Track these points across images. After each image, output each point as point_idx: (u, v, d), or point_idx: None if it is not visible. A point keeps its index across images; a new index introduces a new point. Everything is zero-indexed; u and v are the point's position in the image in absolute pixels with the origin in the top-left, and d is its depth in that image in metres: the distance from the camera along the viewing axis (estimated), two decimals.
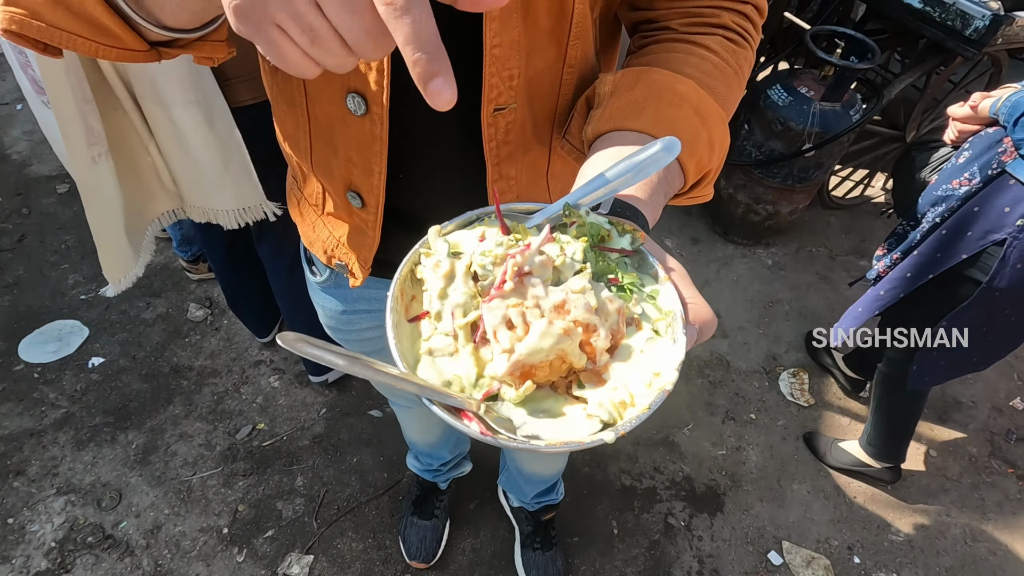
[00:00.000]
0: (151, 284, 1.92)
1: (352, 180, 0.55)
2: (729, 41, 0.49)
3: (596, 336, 0.31)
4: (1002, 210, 1.11)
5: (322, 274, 0.73)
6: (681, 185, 0.45)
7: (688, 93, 0.44)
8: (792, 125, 1.83)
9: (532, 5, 0.45)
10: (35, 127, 2.45)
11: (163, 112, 0.87)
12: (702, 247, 2.27)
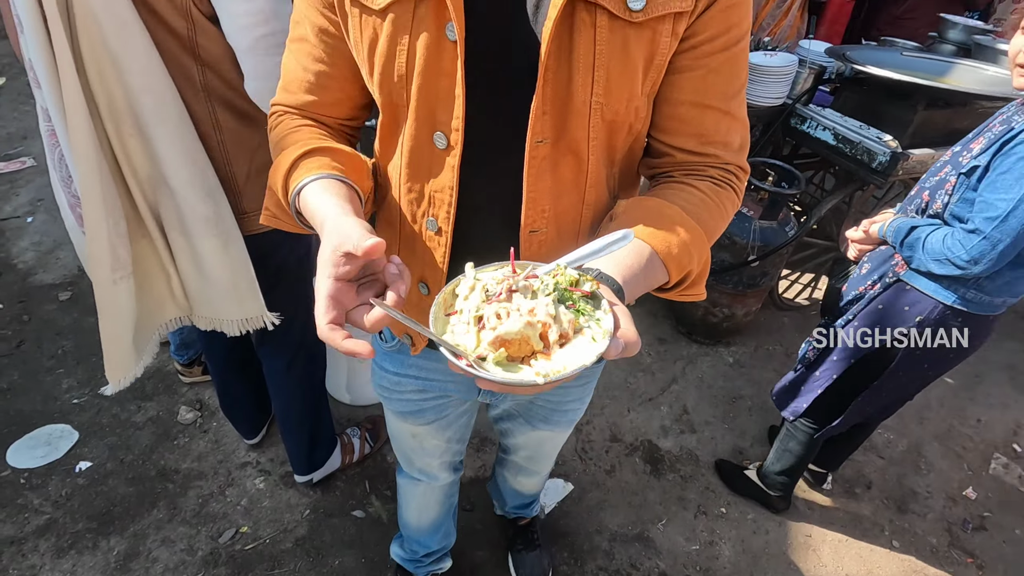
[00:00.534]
0: (143, 388, 1.99)
1: (424, 274, 0.74)
2: (715, 185, 0.67)
3: (550, 331, 0.48)
4: (903, 309, 1.35)
5: (390, 342, 0.91)
6: (665, 279, 0.62)
7: (672, 214, 0.61)
8: (737, 239, 2.09)
9: (558, 164, 0.64)
10: (43, 239, 2.61)
11: (186, 240, 1.03)
12: (668, 346, 2.45)
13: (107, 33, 0.82)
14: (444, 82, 0.60)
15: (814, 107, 2.25)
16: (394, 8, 0.58)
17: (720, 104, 0.64)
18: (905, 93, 2.00)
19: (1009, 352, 2.70)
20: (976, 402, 2.41)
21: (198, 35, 0.89)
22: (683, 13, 0.57)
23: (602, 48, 0.57)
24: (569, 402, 1.02)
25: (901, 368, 1.41)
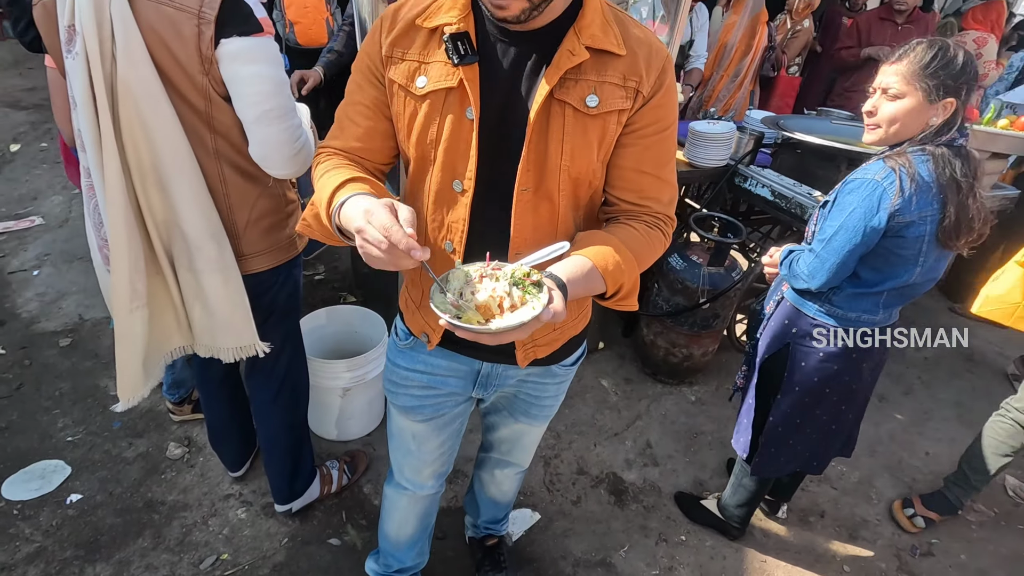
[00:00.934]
0: (135, 426, 2.11)
1: None
2: (648, 226, 0.92)
3: (504, 302, 0.73)
4: (784, 323, 1.56)
5: (404, 340, 1.12)
6: (603, 289, 0.83)
7: (612, 242, 0.84)
8: (689, 284, 2.30)
9: (537, 206, 0.88)
10: (47, 290, 2.78)
11: (193, 277, 1.21)
12: (634, 386, 2.60)
13: (142, 108, 1.03)
14: (462, 146, 0.85)
15: (755, 167, 2.52)
16: (431, 96, 0.84)
17: (653, 171, 0.91)
18: (830, 155, 2.28)
19: (957, 390, 2.87)
20: (925, 436, 2.55)
21: (213, 110, 1.10)
22: (624, 110, 0.84)
23: (568, 130, 0.83)
24: (546, 398, 1.20)
25: (801, 395, 1.58)
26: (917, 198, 1.27)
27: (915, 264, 1.34)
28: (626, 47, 0.82)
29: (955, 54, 1.25)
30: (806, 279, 1.44)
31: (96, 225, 1.18)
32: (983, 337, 3.35)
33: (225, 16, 1.01)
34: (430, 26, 0.83)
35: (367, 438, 2.16)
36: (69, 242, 3.17)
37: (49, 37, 1.10)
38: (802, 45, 4.17)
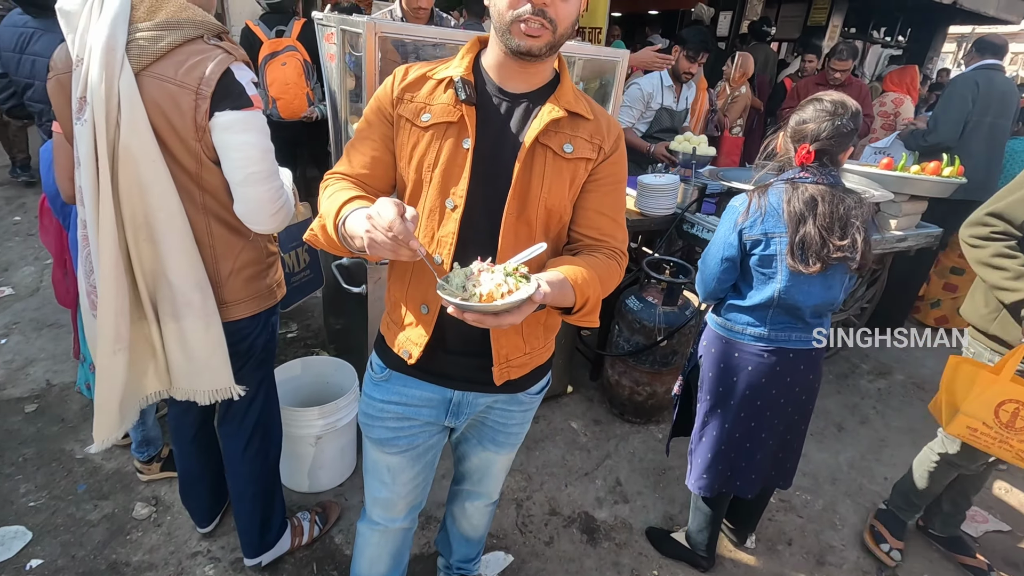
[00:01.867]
0: (100, 488, 2.08)
1: (426, 298, 1.09)
2: (606, 257, 1.08)
3: (502, 288, 0.85)
4: (702, 343, 1.77)
5: (380, 373, 1.21)
6: (573, 300, 0.95)
7: (580, 263, 1.00)
8: (646, 323, 2.43)
9: (519, 229, 1.03)
10: (15, 357, 2.77)
11: (176, 323, 1.28)
12: (603, 426, 2.67)
13: (140, 170, 1.15)
14: (456, 170, 1.01)
15: (700, 215, 2.74)
16: (434, 128, 1.02)
17: (610, 214, 1.11)
18: None
19: (910, 418, 3.01)
20: (882, 463, 2.65)
21: (203, 171, 1.23)
22: (591, 159, 1.06)
23: (548, 169, 1.03)
24: (512, 425, 1.28)
25: (709, 403, 1.74)
26: (763, 219, 1.52)
27: (773, 280, 1.56)
28: (592, 114, 1.06)
29: (801, 110, 1.56)
30: (697, 292, 1.72)
31: (87, 272, 1.26)
32: (932, 367, 3.54)
33: (220, 93, 1.16)
34: (439, 77, 1.03)
35: (339, 488, 2.17)
36: (39, 310, 3.17)
37: (59, 106, 1.23)
38: (742, 108, 4.58)
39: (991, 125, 3.35)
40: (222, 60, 1.16)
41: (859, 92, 4.20)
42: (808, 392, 1.70)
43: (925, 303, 4.02)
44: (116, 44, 1.09)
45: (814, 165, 1.52)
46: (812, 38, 6.60)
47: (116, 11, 1.10)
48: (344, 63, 1.90)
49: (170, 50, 1.14)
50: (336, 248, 0.99)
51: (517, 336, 1.13)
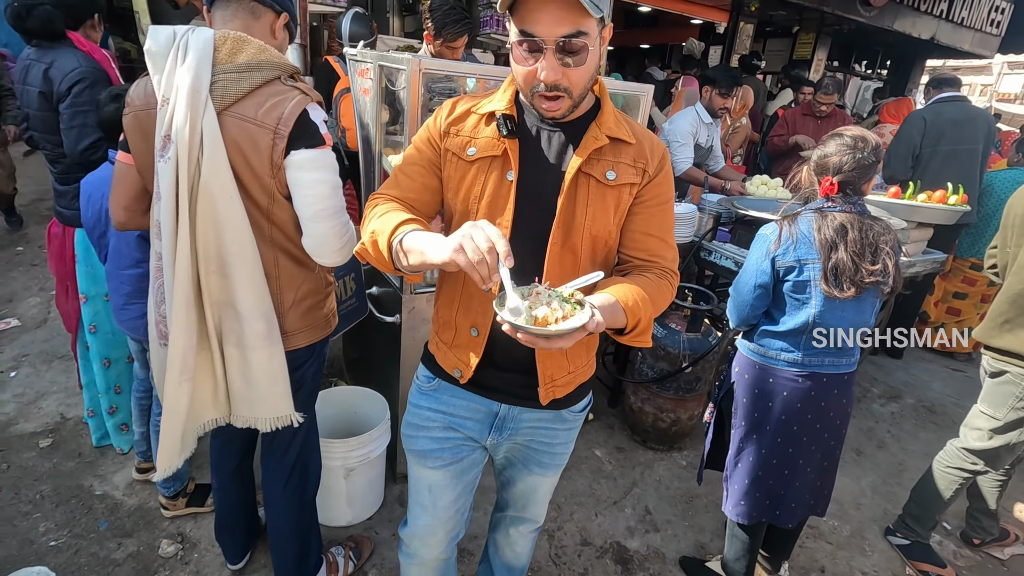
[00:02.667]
0: (123, 525, 2.02)
1: (476, 321, 1.12)
2: (657, 276, 1.08)
3: (558, 313, 0.86)
4: (735, 369, 1.78)
5: (429, 383, 1.23)
6: (624, 322, 0.96)
7: (631, 284, 1.00)
8: (670, 350, 2.45)
9: (563, 257, 1.05)
10: (26, 391, 2.71)
11: (240, 352, 1.29)
12: (626, 454, 2.66)
13: (217, 206, 1.18)
14: (501, 201, 1.05)
15: (717, 242, 2.79)
16: (479, 161, 1.06)
17: (659, 234, 1.11)
18: None
19: (925, 442, 3.04)
20: (904, 487, 2.66)
21: (274, 207, 1.26)
22: (635, 183, 1.07)
23: (591, 197, 1.04)
24: (557, 445, 1.28)
25: (745, 429, 1.75)
26: (796, 247, 1.57)
27: (807, 305, 1.60)
28: (635, 138, 1.08)
29: (824, 145, 1.62)
30: (728, 317, 1.75)
31: (157, 303, 1.27)
32: (940, 391, 3.59)
33: (296, 132, 1.20)
34: (482, 112, 1.07)
35: (368, 522, 2.13)
36: (48, 342, 3.12)
37: (135, 141, 1.25)
38: (742, 139, 4.72)
39: (950, 152, 3.47)
40: (300, 101, 1.21)
41: (842, 122, 4.39)
42: (842, 417, 1.73)
43: (930, 327, 4.10)
44: (201, 86, 1.14)
45: (838, 196, 1.58)
46: (798, 71, 6.87)
47: (200, 54, 1.15)
48: (380, 97, 1.94)
49: (250, 91, 1.19)
50: (384, 264, 1.00)
51: (562, 356, 1.15)
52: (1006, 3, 7.84)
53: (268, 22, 1.29)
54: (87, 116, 1.95)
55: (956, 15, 7.27)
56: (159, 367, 1.30)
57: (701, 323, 2.50)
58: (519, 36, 0.94)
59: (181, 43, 1.16)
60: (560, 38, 0.90)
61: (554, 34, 0.90)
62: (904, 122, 3.69)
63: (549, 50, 0.92)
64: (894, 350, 3.92)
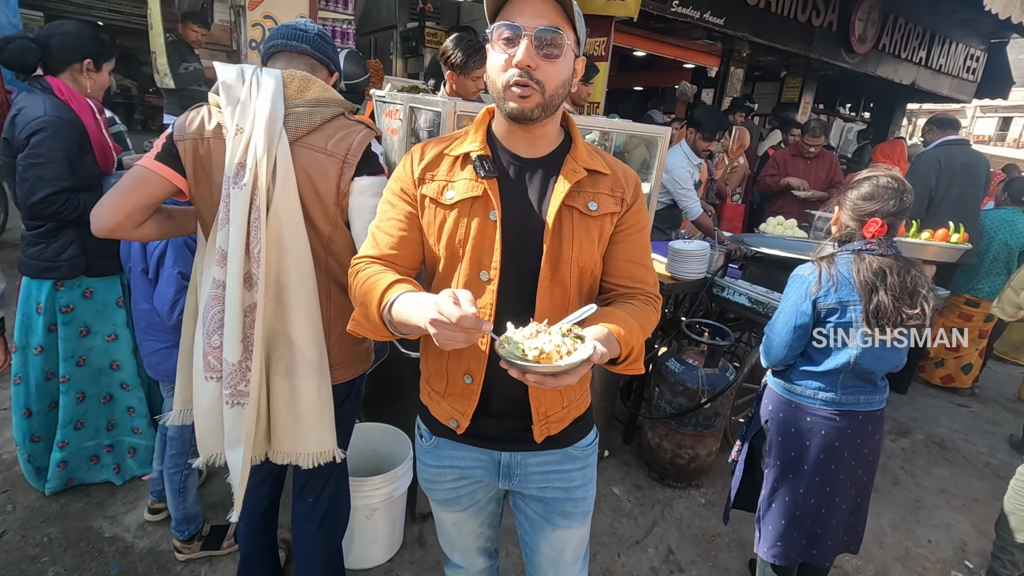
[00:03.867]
0: (135, 569, 1.95)
1: (469, 367, 1.09)
2: (642, 303, 1.10)
3: (561, 349, 0.86)
4: (764, 401, 1.80)
5: (429, 440, 1.21)
6: (618, 351, 0.97)
7: (621, 314, 1.02)
8: (689, 385, 2.46)
9: (553, 290, 1.05)
10: None
11: (288, 381, 1.29)
12: (645, 492, 2.63)
13: (284, 231, 1.22)
14: (487, 242, 1.03)
15: (729, 279, 2.84)
16: (459, 204, 1.04)
17: (640, 260, 1.13)
18: (790, 265, 2.61)
19: (939, 478, 3.04)
20: (923, 524, 2.65)
21: (335, 234, 1.31)
22: (616, 212, 1.09)
23: (576, 229, 1.05)
24: (576, 488, 1.20)
25: (780, 469, 1.74)
26: (837, 288, 1.60)
27: (848, 346, 1.61)
28: (609, 168, 1.10)
29: (852, 181, 1.68)
30: (763, 356, 1.77)
31: (208, 333, 1.26)
32: (948, 426, 3.61)
33: (362, 162, 1.28)
34: (455, 154, 1.07)
35: (389, 564, 2.07)
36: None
37: (192, 166, 1.27)
38: (740, 177, 4.85)
39: (959, 196, 3.60)
40: (366, 135, 1.30)
41: (830, 162, 4.52)
42: (875, 452, 1.73)
43: (930, 363, 4.16)
44: (277, 117, 1.21)
45: (880, 238, 1.61)
46: (787, 112, 7.12)
47: (274, 89, 1.22)
48: (408, 137, 1.99)
49: (321, 124, 1.26)
50: (382, 334, 1.00)
51: (556, 392, 1.13)
52: (980, 52, 8.26)
53: (323, 77, 1.39)
54: (42, 168, 1.78)
55: (935, 62, 7.63)
56: (206, 402, 1.29)
57: (719, 359, 2.52)
58: (498, 29, 0.95)
59: (252, 79, 1.23)
60: (539, 28, 0.93)
61: (533, 24, 0.93)
62: (918, 162, 3.76)
63: (527, 36, 0.93)
64: (899, 385, 3.96)
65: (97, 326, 2.11)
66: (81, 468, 2.25)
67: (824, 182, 4.44)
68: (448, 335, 0.83)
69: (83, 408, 2.16)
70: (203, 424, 1.33)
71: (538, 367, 0.84)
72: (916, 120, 20.72)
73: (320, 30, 1.41)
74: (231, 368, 1.24)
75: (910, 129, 19.32)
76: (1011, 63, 8.61)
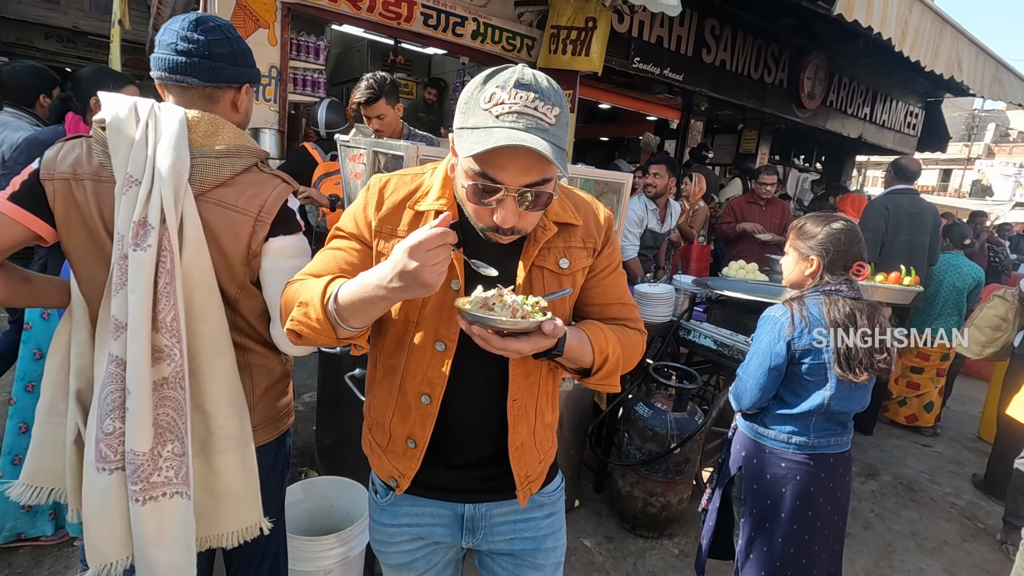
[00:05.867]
0: None
1: (413, 432, 1.03)
2: (626, 327, 1.08)
3: (519, 313, 0.83)
4: (736, 446, 1.77)
5: (384, 496, 1.12)
6: (591, 360, 0.95)
7: (601, 326, 1.01)
8: (658, 430, 2.43)
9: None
10: None
11: (203, 459, 1.15)
12: (616, 544, 2.54)
13: (195, 295, 1.09)
14: (446, 312, 0.97)
15: (695, 321, 2.86)
16: None
17: (617, 300, 1.10)
18: (753, 308, 2.65)
19: (908, 521, 3.03)
20: (896, 569, 2.62)
21: (242, 295, 1.19)
22: (587, 266, 1.05)
23: (547, 288, 1.00)
24: (545, 537, 1.15)
25: (757, 518, 1.70)
26: (809, 329, 1.59)
27: (823, 387, 1.61)
28: (581, 217, 1.04)
29: (818, 226, 1.66)
30: (736, 400, 1.75)
31: (101, 417, 1.08)
32: (914, 467, 3.64)
33: (278, 220, 1.16)
34: (420, 210, 0.98)
35: None
36: None
37: (66, 211, 1.09)
38: (703, 219, 4.99)
39: (907, 242, 3.77)
40: (282, 190, 1.18)
41: (783, 209, 4.70)
42: (847, 496, 1.72)
43: (893, 402, 4.23)
44: (183, 168, 1.07)
45: (846, 280, 1.63)
46: (746, 162, 7.44)
47: (177, 134, 1.07)
48: None
49: (231, 177, 1.14)
50: (324, 332, 0.89)
51: (533, 450, 1.09)
52: (919, 109, 8.89)
53: (228, 100, 1.22)
54: None
55: (878, 118, 8.16)
56: (98, 500, 1.09)
57: (687, 403, 2.50)
58: (479, 179, 0.86)
59: (149, 119, 1.08)
60: (524, 187, 0.86)
61: (518, 183, 0.85)
62: (869, 209, 3.93)
63: (511, 197, 0.86)
64: (864, 426, 4.00)
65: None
66: (10, 514, 2.05)
67: (779, 227, 4.61)
68: (431, 256, 0.76)
69: (23, 441, 1.99)
70: (97, 526, 1.10)
71: (487, 318, 0.80)
72: (865, 171, 22.09)
73: (214, 39, 1.15)
74: (141, 459, 1.07)
75: (860, 180, 20.56)
76: (947, 120, 9.28)
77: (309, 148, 3.40)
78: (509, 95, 0.82)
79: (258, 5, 3.72)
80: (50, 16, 7.48)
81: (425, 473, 1.06)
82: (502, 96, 0.82)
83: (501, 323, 0.80)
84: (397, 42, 6.01)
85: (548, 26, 4.72)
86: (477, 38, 4.62)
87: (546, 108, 0.83)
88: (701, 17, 5.48)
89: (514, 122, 0.81)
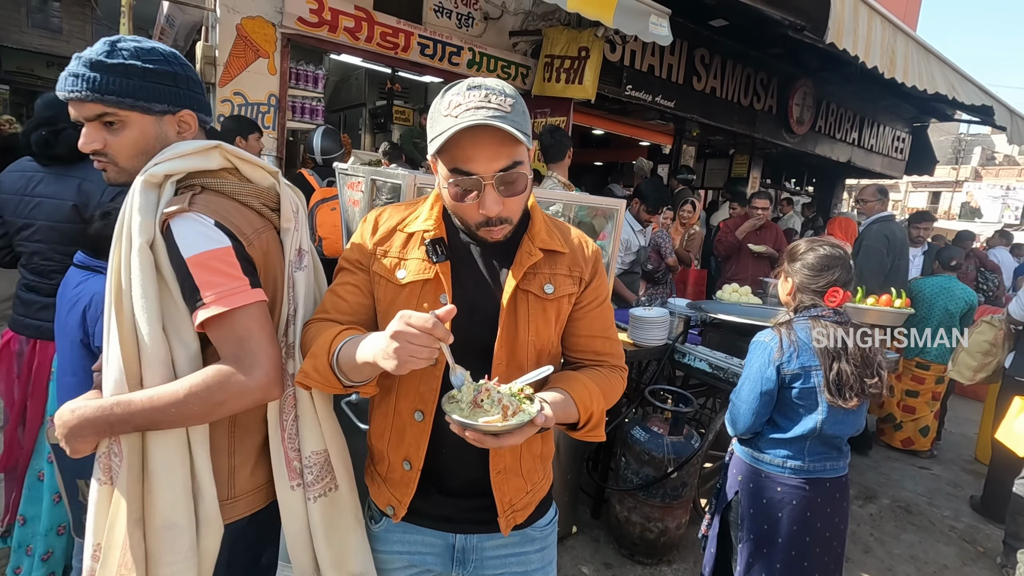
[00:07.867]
0: None
1: (408, 454, 1.04)
2: (609, 370, 1.11)
3: (508, 411, 0.85)
4: (733, 471, 1.78)
5: (379, 522, 1.13)
6: (576, 416, 0.97)
7: (583, 379, 1.03)
8: (655, 454, 2.42)
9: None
10: None
11: None
12: (615, 571, 2.51)
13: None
14: None
15: (689, 345, 2.88)
16: (410, 285, 1.01)
17: (602, 334, 1.12)
18: (747, 331, 2.67)
19: (908, 544, 3.01)
20: None
21: None
22: (573, 293, 1.07)
23: (532, 313, 1.03)
24: (535, 571, 1.15)
25: (754, 543, 1.70)
26: (799, 354, 1.61)
27: (815, 411, 1.62)
28: (568, 246, 1.08)
29: (801, 249, 1.71)
30: (731, 425, 1.76)
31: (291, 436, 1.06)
32: (912, 490, 3.63)
33: None
34: (409, 231, 1.04)
35: None
36: None
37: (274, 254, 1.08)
38: (698, 244, 5.04)
39: (899, 267, 3.91)
40: None
41: (775, 233, 4.77)
42: (845, 521, 1.71)
43: (889, 426, 4.23)
44: None
45: (818, 304, 1.65)
46: (737, 186, 7.55)
47: None
48: (369, 208, 2.01)
49: None
50: (332, 384, 0.95)
51: (518, 478, 1.08)
52: (905, 134, 9.08)
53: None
54: None
55: (866, 142, 8.33)
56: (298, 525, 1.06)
57: (683, 426, 2.51)
58: (454, 175, 0.92)
59: None
60: (498, 172, 0.91)
61: (492, 169, 0.90)
62: (868, 238, 3.96)
63: (489, 185, 0.91)
64: (861, 448, 3.99)
65: None
66: None
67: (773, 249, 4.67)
68: (412, 349, 0.80)
69: None
70: (300, 551, 1.08)
71: (478, 425, 0.82)
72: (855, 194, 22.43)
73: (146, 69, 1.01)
74: (317, 459, 1.07)
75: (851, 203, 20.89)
76: (934, 144, 9.48)
77: (306, 174, 3.46)
78: (464, 96, 0.90)
79: (258, 36, 3.81)
80: (53, 46, 7.61)
81: (419, 500, 1.07)
82: (458, 99, 0.90)
83: (495, 429, 0.84)
84: (394, 70, 6.12)
85: (542, 55, 4.83)
86: (473, 67, 4.72)
87: (500, 99, 0.90)
88: (691, 46, 5.63)
89: (472, 114, 0.88)
